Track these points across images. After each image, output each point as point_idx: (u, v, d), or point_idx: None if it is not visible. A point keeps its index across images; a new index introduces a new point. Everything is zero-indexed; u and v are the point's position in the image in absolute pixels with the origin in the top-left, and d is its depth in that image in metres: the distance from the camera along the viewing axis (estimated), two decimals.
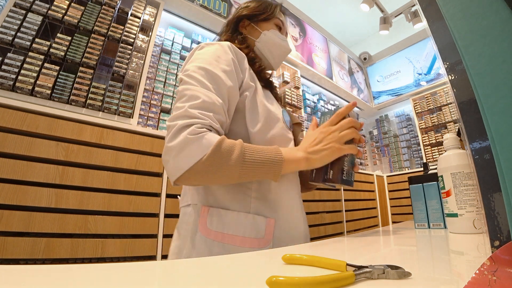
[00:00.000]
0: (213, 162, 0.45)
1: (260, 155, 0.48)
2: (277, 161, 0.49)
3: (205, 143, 0.45)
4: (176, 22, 2.14)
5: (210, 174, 0.46)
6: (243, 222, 0.51)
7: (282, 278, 0.19)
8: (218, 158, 0.45)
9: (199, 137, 0.45)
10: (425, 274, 0.24)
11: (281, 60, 0.73)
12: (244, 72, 0.58)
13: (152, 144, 1.33)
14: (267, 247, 0.50)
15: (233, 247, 0.50)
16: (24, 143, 1.01)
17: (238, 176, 0.47)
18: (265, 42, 0.70)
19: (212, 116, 0.48)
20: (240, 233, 0.50)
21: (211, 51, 0.55)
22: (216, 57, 0.54)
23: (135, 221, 1.19)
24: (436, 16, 0.31)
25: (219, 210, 0.53)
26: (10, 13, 1.32)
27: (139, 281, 0.22)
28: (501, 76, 0.24)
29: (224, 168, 0.46)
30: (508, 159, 0.22)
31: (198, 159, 0.44)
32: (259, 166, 0.47)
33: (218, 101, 0.50)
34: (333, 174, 0.53)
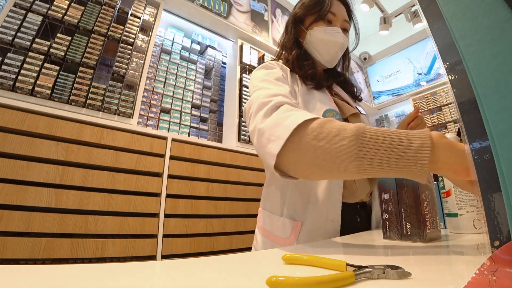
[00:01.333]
0: (317, 135, 0.37)
1: (393, 135, 0.33)
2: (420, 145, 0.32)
3: (303, 113, 0.41)
4: (176, 22, 2.14)
5: (316, 150, 0.37)
6: (275, 223, 0.62)
7: (282, 278, 0.19)
8: (325, 130, 0.37)
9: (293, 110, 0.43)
10: (425, 274, 0.24)
11: (331, 55, 0.70)
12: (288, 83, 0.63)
13: (152, 144, 1.33)
14: (291, 245, 0.57)
15: (271, 242, 0.61)
16: (24, 143, 1.01)
17: (356, 162, 0.34)
18: (310, 42, 0.70)
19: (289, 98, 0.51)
20: (274, 231, 0.62)
21: (262, 71, 0.63)
22: (268, 73, 0.62)
23: (135, 221, 1.19)
24: (436, 16, 0.31)
25: (265, 212, 0.66)
26: (10, 13, 1.32)
27: (139, 281, 0.22)
28: (501, 76, 0.24)
29: (334, 145, 0.35)
30: (508, 159, 0.22)
31: (297, 125, 0.38)
32: (388, 149, 0.33)
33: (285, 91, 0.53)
34: (412, 229, 0.40)
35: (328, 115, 0.59)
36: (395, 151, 0.32)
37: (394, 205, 0.43)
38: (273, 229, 0.62)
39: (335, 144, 0.35)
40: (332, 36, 0.68)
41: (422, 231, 0.39)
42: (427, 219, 0.39)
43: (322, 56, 0.70)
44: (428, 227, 0.39)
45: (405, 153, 0.32)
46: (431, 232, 0.40)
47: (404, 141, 0.32)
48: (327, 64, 0.72)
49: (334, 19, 0.69)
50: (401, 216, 0.42)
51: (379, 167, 0.33)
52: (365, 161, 0.33)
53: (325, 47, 0.69)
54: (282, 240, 0.60)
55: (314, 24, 0.70)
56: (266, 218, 0.66)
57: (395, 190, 0.43)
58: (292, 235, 0.58)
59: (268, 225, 0.64)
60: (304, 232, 0.58)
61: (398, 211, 0.42)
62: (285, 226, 0.60)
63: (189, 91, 1.98)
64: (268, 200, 0.67)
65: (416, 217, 0.40)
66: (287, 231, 0.59)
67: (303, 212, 0.59)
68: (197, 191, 1.43)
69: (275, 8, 2.81)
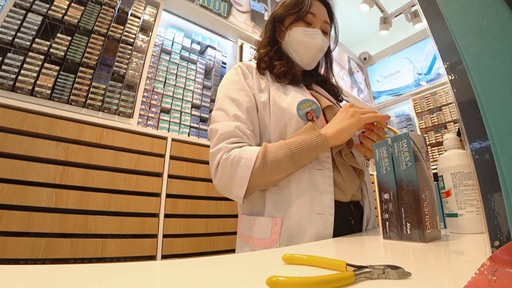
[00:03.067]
0: (265, 165, 0.53)
1: (303, 142, 0.54)
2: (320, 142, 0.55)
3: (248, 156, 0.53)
4: (176, 22, 2.13)
5: (268, 176, 0.54)
6: (254, 224, 0.58)
7: (282, 278, 0.19)
8: (269, 161, 0.53)
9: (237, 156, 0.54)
10: (425, 274, 0.24)
11: (310, 58, 0.69)
12: (251, 86, 0.65)
13: (152, 144, 1.33)
14: (273, 246, 0.53)
15: (251, 247, 0.57)
16: (24, 143, 1.01)
17: (293, 165, 0.54)
18: (289, 43, 0.70)
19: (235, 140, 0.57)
20: (254, 234, 0.58)
21: (227, 80, 0.66)
22: (231, 84, 0.64)
23: (135, 221, 1.19)
24: (436, 16, 0.31)
25: (244, 216, 0.62)
26: (10, 13, 1.32)
27: (139, 281, 0.22)
28: (501, 76, 0.24)
29: (278, 165, 0.53)
30: (508, 159, 0.22)
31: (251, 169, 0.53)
32: (307, 152, 0.54)
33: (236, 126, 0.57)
34: (412, 229, 0.40)
35: (303, 106, 0.59)
36: (310, 152, 0.54)
37: (394, 205, 0.43)
38: (252, 232, 0.58)
39: (278, 166, 0.53)
40: (311, 38, 0.67)
41: (422, 231, 0.39)
42: (427, 219, 0.39)
43: (300, 58, 0.69)
44: (428, 227, 0.39)
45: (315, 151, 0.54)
46: (431, 232, 0.40)
47: (312, 146, 0.54)
48: (305, 66, 0.71)
49: (314, 20, 0.68)
50: (401, 216, 0.42)
51: (306, 157, 0.54)
52: (297, 160, 0.54)
53: (303, 49, 0.68)
54: (263, 242, 0.55)
55: (293, 25, 0.68)
56: (245, 221, 0.61)
57: (395, 190, 0.43)
58: (272, 235, 0.54)
59: (247, 229, 0.59)
60: (286, 230, 0.54)
61: (398, 211, 0.42)
62: (263, 226, 0.56)
63: (189, 91, 1.98)
64: (247, 203, 0.63)
65: (416, 217, 0.40)
66: (267, 230, 0.55)
67: (283, 208, 0.56)
68: (197, 191, 1.43)
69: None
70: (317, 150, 0.54)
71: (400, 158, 0.43)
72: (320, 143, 0.54)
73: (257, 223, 0.58)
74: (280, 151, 0.53)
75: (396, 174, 0.43)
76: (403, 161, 0.43)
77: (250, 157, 0.53)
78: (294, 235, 0.54)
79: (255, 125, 0.62)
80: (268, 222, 0.56)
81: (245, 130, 0.58)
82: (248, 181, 0.52)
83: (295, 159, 0.53)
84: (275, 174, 0.54)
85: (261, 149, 0.54)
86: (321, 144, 0.54)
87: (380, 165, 0.47)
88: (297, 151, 0.53)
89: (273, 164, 0.53)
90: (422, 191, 0.40)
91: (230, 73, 0.67)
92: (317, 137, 0.54)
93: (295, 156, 0.53)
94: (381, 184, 0.46)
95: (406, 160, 0.42)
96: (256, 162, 0.52)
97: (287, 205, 0.56)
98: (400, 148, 0.43)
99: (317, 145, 0.54)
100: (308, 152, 0.54)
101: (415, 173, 0.40)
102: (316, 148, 0.54)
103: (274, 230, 0.55)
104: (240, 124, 0.58)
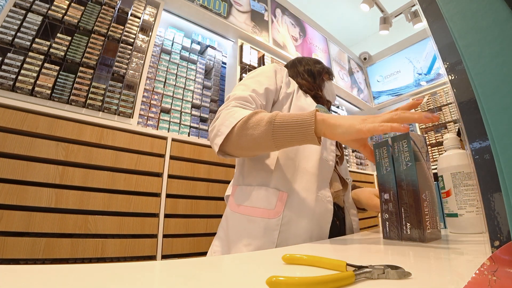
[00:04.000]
0: (246, 127, 0.51)
1: (292, 117, 0.48)
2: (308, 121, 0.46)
3: (241, 112, 0.54)
4: (176, 22, 2.13)
5: (245, 138, 0.51)
6: (258, 194, 0.59)
7: (282, 278, 0.19)
8: (251, 123, 0.51)
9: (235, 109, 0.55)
10: (425, 274, 0.24)
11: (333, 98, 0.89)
12: (280, 80, 0.72)
13: (152, 144, 1.33)
14: (277, 217, 0.55)
15: (252, 217, 0.57)
16: (24, 143, 1.01)
17: (272, 140, 0.49)
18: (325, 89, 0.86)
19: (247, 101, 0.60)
20: (255, 204, 0.58)
21: (259, 69, 0.74)
22: (261, 71, 0.72)
23: (135, 221, 1.19)
24: (436, 16, 0.31)
25: (243, 187, 0.63)
26: (10, 13, 1.32)
27: (139, 281, 0.22)
28: (501, 76, 0.24)
29: (256, 131, 0.50)
30: (508, 159, 0.22)
31: (234, 124, 0.52)
32: (290, 128, 0.47)
33: (250, 94, 0.61)
34: (412, 229, 0.40)
35: (319, 109, 0.70)
36: (295, 130, 0.47)
37: (394, 205, 0.43)
38: (253, 202, 0.58)
39: (257, 131, 0.50)
40: (333, 87, 0.90)
41: (422, 231, 0.39)
42: (427, 219, 0.39)
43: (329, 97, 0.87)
44: (428, 227, 0.39)
45: (300, 129, 0.47)
46: (431, 232, 0.39)
47: (299, 121, 0.47)
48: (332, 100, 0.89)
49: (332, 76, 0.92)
50: (401, 216, 0.41)
51: (288, 141, 0.48)
52: (278, 138, 0.48)
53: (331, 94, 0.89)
54: (266, 212, 0.56)
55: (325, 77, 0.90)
56: (244, 192, 0.62)
57: (395, 190, 0.43)
58: (278, 206, 0.56)
59: (247, 199, 0.60)
60: (291, 204, 0.56)
61: (398, 211, 0.42)
62: (269, 196, 0.57)
63: (189, 91, 1.98)
64: (247, 174, 0.64)
65: (416, 217, 0.39)
66: (272, 201, 0.57)
67: (290, 184, 0.59)
68: (197, 191, 1.43)
69: (275, 8, 2.81)
70: (301, 130, 0.46)
71: (400, 158, 0.43)
72: (307, 121, 0.46)
73: (261, 193, 0.58)
74: (268, 117, 0.49)
75: (396, 174, 0.43)
76: (403, 161, 0.42)
77: (242, 113, 0.53)
78: (298, 211, 0.56)
79: (268, 105, 0.67)
80: (274, 194, 0.58)
81: (258, 100, 0.62)
82: (228, 131, 0.52)
83: (276, 132, 0.48)
84: (250, 140, 0.50)
85: (255, 110, 0.53)
86: (307, 123, 0.46)
87: (381, 165, 0.47)
88: (281, 124, 0.48)
89: (253, 126, 0.50)
90: (422, 191, 0.40)
91: (263, 67, 0.74)
92: (307, 115, 0.47)
93: (276, 128, 0.48)
94: (382, 184, 0.46)
95: (406, 160, 0.42)
96: (242, 119, 0.52)
97: (294, 181, 0.59)
98: (400, 148, 0.43)
99: (303, 123, 0.46)
100: (291, 128, 0.47)
101: (415, 173, 0.40)
102: (301, 126, 0.46)
103: (279, 203, 0.56)
104: (255, 95, 0.62)
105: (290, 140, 0.48)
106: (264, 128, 0.48)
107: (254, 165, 0.65)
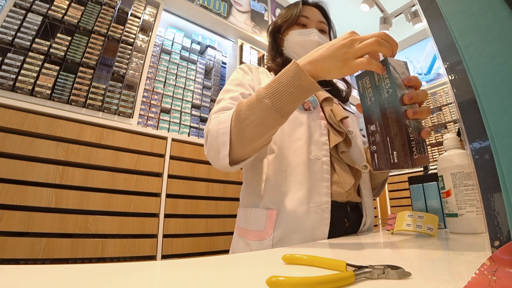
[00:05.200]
0: (240, 120, 0.46)
1: (277, 80, 0.45)
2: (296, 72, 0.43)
3: (226, 113, 0.50)
4: (176, 22, 2.13)
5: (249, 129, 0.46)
6: (250, 216, 0.57)
7: (282, 278, 0.19)
8: (243, 115, 0.46)
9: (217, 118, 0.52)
10: (425, 274, 0.24)
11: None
12: (250, 81, 0.66)
13: (152, 144, 1.33)
14: (267, 239, 0.52)
15: (247, 240, 0.56)
16: (24, 143, 1.01)
17: (276, 111, 0.44)
18: (288, 47, 0.72)
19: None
20: (248, 226, 0.57)
21: (229, 79, 0.67)
22: (230, 80, 0.66)
23: (135, 221, 1.19)
24: (436, 16, 0.31)
25: (243, 209, 0.61)
26: (10, 13, 1.32)
27: (139, 281, 0.22)
28: (501, 76, 0.24)
29: (255, 116, 0.45)
30: (508, 159, 0.22)
31: (229, 127, 0.48)
32: (284, 89, 0.43)
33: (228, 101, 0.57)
34: (399, 156, 0.39)
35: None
36: (290, 89, 0.43)
37: (380, 135, 0.42)
38: (247, 224, 0.57)
39: (255, 115, 0.45)
40: (307, 36, 0.69)
41: (409, 157, 0.38)
42: (413, 144, 0.38)
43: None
44: (414, 153, 0.38)
45: (295, 84, 0.43)
46: (418, 157, 0.39)
47: (288, 78, 0.43)
48: None
49: (308, 21, 0.72)
50: (387, 146, 0.41)
51: (291, 103, 0.44)
52: (280, 107, 0.44)
53: (302, 49, 0.69)
54: (257, 234, 0.54)
55: (289, 30, 0.72)
56: (242, 214, 0.61)
57: (380, 119, 0.42)
58: (267, 227, 0.53)
59: (243, 221, 0.59)
60: (281, 222, 0.52)
61: (384, 140, 0.41)
62: (258, 217, 0.55)
63: (189, 91, 1.98)
64: (246, 196, 0.62)
65: (401, 143, 0.39)
66: (262, 221, 0.54)
67: (280, 200, 0.54)
68: (197, 191, 1.43)
69: (275, 8, 2.81)
70: (296, 81, 0.43)
71: (381, 86, 0.42)
72: (295, 71, 0.43)
73: (253, 214, 0.57)
74: (254, 96, 0.46)
75: (380, 103, 0.42)
76: (384, 89, 0.41)
77: (227, 114, 0.49)
78: (290, 228, 0.52)
79: None
80: (263, 214, 0.54)
81: (235, 102, 0.57)
82: (228, 137, 0.48)
83: (275, 100, 0.44)
84: (254, 128, 0.46)
85: (237, 104, 0.49)
86: (296, 72, 0.43)
87: (364, 97, 0.45)
88: (274, 90, 0.44)
89: (248, 115, 0.45)
90: (406, 117, 0.39)
91: (232, 75, 0.69)
92: (291, 66, 0.44)
93: (273, 96, 0.44)
94: (367, 116, 0.44)
95: (387, 87, 0.40)
96: (232, 117, 0.48)
97: (283, 196, 0.54)
98: (380, 76, 0.42)
99: (294, 75, 0.43)
100: (286, 87, 0.43)
101: (397, 99, 0.39)
102: (293, 78, 0.43)
103: (268, 222, 0.53)
104: (231, 100, 0.58)
105: (291, 101, 0.44)
106: (260, 107, 0.44)
107: (247, 186, 0.63)
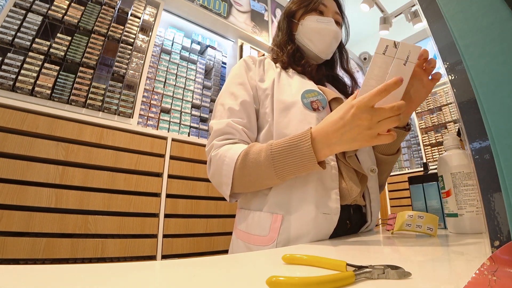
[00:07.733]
0: (245, 166, 0.50)
1: (289, 148, 0.46)
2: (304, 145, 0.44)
3: (231, 155, 0.52)
4: (176, 22, 2.13)
5: (248, 178, 0.50)
6: (253, 219, 0.55)
7: (282, 278, 0.19)
8: (248, 162, 0.49)
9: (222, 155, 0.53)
10: (425, 274, 0.24)
11: (326, 44, 0.68)
12: (253, 77, 0.64)
13: (152, 144, 1.33)
14: (270, 244, 0.51)
15: (248, 244, 0.54)
16: (24, 143, 1.01)
17: (275, 172, 0.47)
18: (303, 33, 0.69)
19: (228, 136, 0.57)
20: (250, 230, 0.55)
21: (231, 74, 0.66)
22: (233, 77, 0.64)
23: (135, 221, 1.19)
24: (436, 16, 0.31)
25: (243, 210, 0.59)
26: (10, 13, 1.32)
27: (139, 281, 0.22)
28: (501, 76, 0.24)
29: (257, 169, 0.49)
30: (508, 159, 0.22)
31: (233, 169, 0.51)
32: (288, 154, 0.46)
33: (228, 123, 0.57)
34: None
35: (308, 95, 0.58)
36: (298, 165, 0.46)
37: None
38: (248, 228, 0.55)
39: (258, 169, 0.49)
40: (325, 24, 0.67)
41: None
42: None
43: (316, 46, 0.68)
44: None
45: (298, 158, 0.45)
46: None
47: (301, 156, 0.45)
48: (321, 54, 0.69)
49: (326, 10, 0.69)
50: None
51: (290, 172, 0.47)
52: (281, 175, 0.47)
53: (318, 36, 0.67)
54: (259, 239, 0.52)
55: (306, 15, 0.69)
56: (242, 216, 0.59)
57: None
58: (271, 232, 0.51)
59: (244, 225, 0.57)
60: (286, 228, 0.50)
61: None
62: (262, 222, 0.53)
63: (189, 91, 1.98)
64: (248, 198, 0.59)
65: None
66: (265, 226, 0.52)
67: (286, 204, 0.52)
68: (197, 191, 1.43)
69: (275, 8, 2.81)
70: (304, 162, 0.45)
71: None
72: (309, 157, 0.44)
73: (256, 218, 0.54)
74: (263, 152, 0.48)
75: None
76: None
77: (233, 156, 0.51)
78: (294, 235, 0.50)
79: (251, 118, 0.60)
80: (268, 218, 0.52)
81: (236, 126, 0.57)
82: (231, 181, 0.51)
83: (276, 164, 0.47)
84: (255, 178, 0.50)
85: (245, 148, 0.51)
86: (310, 158, 0.44)
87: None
88: (278, 152, 0.47)
89: (252, 166, 0.49)
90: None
91: (234, 68, 0.67)
92: (307, 145, 0.44)
93: (276, 158, 0.47)
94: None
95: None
96: (237, 162, 0.50)
97: (290, 200, 0.52)
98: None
99: (307, 157, 0.45)
100: (294, 161, 0.45)
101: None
102: (305, 160, 0.45)
103: (273, 227, 0.51)
104: (231, 121, 0.57)
105: (290, 171, 0.47)
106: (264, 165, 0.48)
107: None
